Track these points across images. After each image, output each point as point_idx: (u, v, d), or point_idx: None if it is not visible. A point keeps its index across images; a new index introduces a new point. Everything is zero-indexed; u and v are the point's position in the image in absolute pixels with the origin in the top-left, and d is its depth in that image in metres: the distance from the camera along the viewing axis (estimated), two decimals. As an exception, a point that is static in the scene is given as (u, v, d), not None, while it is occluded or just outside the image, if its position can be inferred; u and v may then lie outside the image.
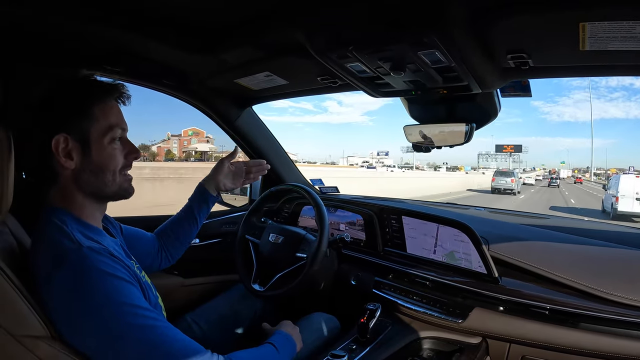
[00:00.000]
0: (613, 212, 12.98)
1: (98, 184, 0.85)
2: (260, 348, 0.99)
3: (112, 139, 0.85)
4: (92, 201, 0.86)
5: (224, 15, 1.08)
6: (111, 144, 0.85)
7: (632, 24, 0.77)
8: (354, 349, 1.19)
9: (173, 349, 0.74)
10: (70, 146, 0.80)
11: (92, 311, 0.71)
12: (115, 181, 0.87)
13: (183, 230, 1.26)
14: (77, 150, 0.81)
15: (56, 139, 0.79)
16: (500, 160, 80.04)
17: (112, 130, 0.84)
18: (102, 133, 0.83)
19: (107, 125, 0.84)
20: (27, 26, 1.03)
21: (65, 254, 0.73)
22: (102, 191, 0.86)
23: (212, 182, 1.28)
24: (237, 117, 1.80)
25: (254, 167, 1.36)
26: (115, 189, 0.87)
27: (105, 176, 0.85)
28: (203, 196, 1.27)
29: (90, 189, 0.84)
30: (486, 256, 1.23)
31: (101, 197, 0.88)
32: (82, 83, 0.85)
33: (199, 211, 1.27)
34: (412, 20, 0.87)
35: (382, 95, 1.28)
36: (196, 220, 1.27)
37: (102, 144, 0.84)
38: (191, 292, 1.71)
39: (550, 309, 1.10)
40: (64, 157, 0.80)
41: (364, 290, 1.49)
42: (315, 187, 2.05)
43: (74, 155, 0.81)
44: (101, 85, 0.86)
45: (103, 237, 0.86)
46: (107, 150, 0.84)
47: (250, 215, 1.63)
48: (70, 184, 0.83)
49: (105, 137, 0.84)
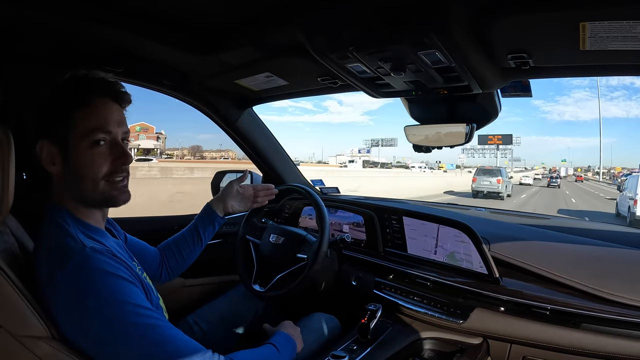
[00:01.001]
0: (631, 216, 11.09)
1: (79, 190, 0.82)
2: (261, 348, 0.99)
3: (92, 143, 0.80)
4: (84, 205, 0.84)
5: (225, 16, 1.08)
6: (92, 149, 0.80)
7: (632, 24, 0.77)
8: (354, 350, 1.19)
9: (174, 348, 0.74)
10: (53, 152, 0.80)
11: (95, 311, 0.71)
12: (97, 189, 0.82)
13: (187, 249, 1.26)
14: (58, 155, 0.80)
15: (40, 144, 0.79)
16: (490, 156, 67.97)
17: (91, 134, 0.79)
18: (81, 138, 0.79)
19: (86, 129, 0.79)
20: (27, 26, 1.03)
21: (68, 254, 0.73)
22: (86, 198, 0.83)
23: (220, 204, 1.29)
24: (237, 118, 1.80)
25: (261, 192, 1.38)
26: (97, 197, 0.83)
27: (85, 184, 0.81)
28: (210, 217, 1.28)
29: (74, 194, 0.83)
30: (487, 256, 1.22)
31: (87, 203, 0.84)
32: (64, 85, 0.81)
33: (205, 231, 1.27)
34: (413, 20, 0.87)
35: (382, 95, 1.28)
36: (201, 240, 1.27)
37: (82, 149, 0.79)
38: (192, 293, 1.71)
39: (551, 310, 1.09)
40: (47, 162, 0.80)
41: (365, 291, 1.49)
42: (316, 187, 2.05)
43: (56, 161, 0.80)
44: (84, 86, 0.81)
45: (105, 238, 0.86)
46: (86, 156, 0.80)
47: (250, 216, 1.63)
48: (61, 188, 0.83)
49: (83, 142, 0.79)
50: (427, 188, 22.44)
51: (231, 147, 39.87)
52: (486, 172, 21.26)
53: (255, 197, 1.36)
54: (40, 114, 0.81)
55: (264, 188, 1.39)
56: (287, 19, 1.02)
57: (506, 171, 22.97)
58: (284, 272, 1.42)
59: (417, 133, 1.35)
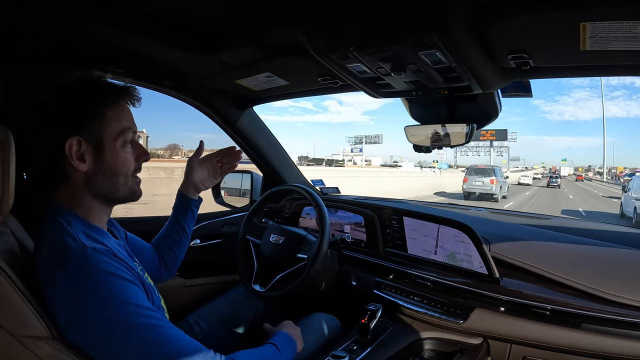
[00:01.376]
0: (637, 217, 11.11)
1: (110, 187, 0.85)
2: (262, 348, 0.99)
3: (124, 142, 0.85)
4: (101, 203, 0.86)
5: (225, 16, 1.08)
6: (124, 147, 0.85)
7: (632, 24, 0.77)
8: (354, 350, 1.19)
9: (176, 348, 0.74)
10: (83, 149, 0.80)
11: (96, 311, 0.71)
12: (127, 184, 0.87)
13: (174, 242, 1.24)
14: (90, 153, 0.81)
15: (70, 142, 0.79)
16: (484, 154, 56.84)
17: (124, 134, 0.84)
18: (115, 136, 0.83)
19: (120, 128, 0.83)
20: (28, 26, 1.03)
21: (69, 254, 0.73)
22: (113, 194, 0.86)
23: (190, 186, 1.24)
24: (237, 118, 1.80)
25: (225, 157, 1.30)
26: (126, 193, 0.87)
27: (118, 180, 0.85)
28: (185, 203, 1.24)
29: (101, 191, 0.84)
30: (487, 257, 1.22)
31: (111, 199, 0.87)
32: (95, 85, 0.84)
33: (185, 219, 1.24)
34: (413, 20, 0.87)
35: (383, 95, 1.28)
36: (184, 229, 1.24)
37: (115, 148, 0.83)
38: (192, 293, 1.71)
39: (551, 310, 1.10)
40: (77, 160, 0.80)
41: (365, 291, 1.49)
42: (316, 187, 2.05)
43: (86, 158, 0.81)
44: (114, 88, 0.85)
45: (107, 239, 0.86)
46: (120, 154, 0.84)
47: (251, 216, 1.63)
48: (80, 186, 0.83)
49: (118, 141, 0.83)
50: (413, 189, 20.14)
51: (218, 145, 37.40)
52: (479, 172, 19.07)
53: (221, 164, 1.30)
54: (69, 110, 0.80)
55: (226, 152, 1.31)
56: (287, 19, 1.02)
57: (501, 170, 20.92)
58: (284, 272, 1.42)
59: (417, 133, 1.35)
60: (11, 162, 0.78)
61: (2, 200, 0.77)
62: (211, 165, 1.28)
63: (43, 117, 0.80)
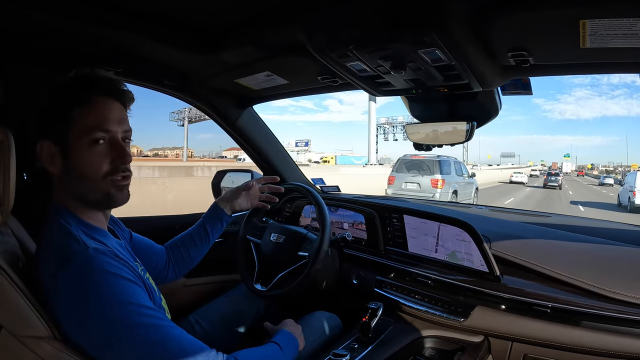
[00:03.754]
0: (631, 205, 13.72)
1: (80, 190, 0.82)
2: (264, 347, 0.99)
3: (91, 142, 0.79)
4: (86, 205, 0.84)
5: (225, 16, 1.08)
6: (91, 147, 0.79)
7: (632, 21, 0.77)
8: (355, 348, 1.19)
9: (178, 348, 0.74)
10: (53, 151, 0.79)
11: (98, 311, 0.71)
12: (99, 188, 0.82)
13: (195, 248, 1.27)
14: (58, 155, 0.80)
15: (40, 145, 0.79)
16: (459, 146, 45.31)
17: (90, 133, 0.79)
18: (80, 137, 0.79)
19: (85, 127, 0.79)
20: (27, 27, 1.03)
21: (71, 255, 0.74)
22: (86, 197, 0.83)
23: (227, 202, 1.33)
24: (237, 117, 1.80)
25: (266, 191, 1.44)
26: (98, 197, 0.82)
27: (86, 183, 0.81)
28: (218, 215, 1.31)
29: (75, 194, 0.82)
30: (488, 254, 1.22)
31: (88, 203, 0.83)
32: (64, 84, 0.81)
33: (212, 230, 1.29)
34: (413, 18, 0.87)
35: (382, 94, 1.28)
36: (208, 238, 1.29)
37: (81, 148, 0.79)
38: (193, 292, 1.71)
39: (552, 307, 1.10)
40: (47, 162, 0.80)
41: (366, 289, 1.49)
42: (317, 186, 2.05)
43: (56, 160, 0.80)
44: (84, 84, 0.81)
45: (107, 239, 0.86)
46: (87, 155, 0.79)
47: (251, 215, 1.63)
48: (61, 188, 0.83)
49: (82, 141, 0.79)
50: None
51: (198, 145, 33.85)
52: (413, 167, 11.46)
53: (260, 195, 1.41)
54: (40, 113, 0.80)
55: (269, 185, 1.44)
56: (287, 19, 1.02)
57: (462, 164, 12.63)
58: (285, 271, 1.42)
59: (417, 131, 1.35)
60: (11, 163, 0.78)
61: (2, 200, 0.77)
62: (252, 192, 1.39)
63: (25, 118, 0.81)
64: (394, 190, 11.23)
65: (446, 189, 10.74)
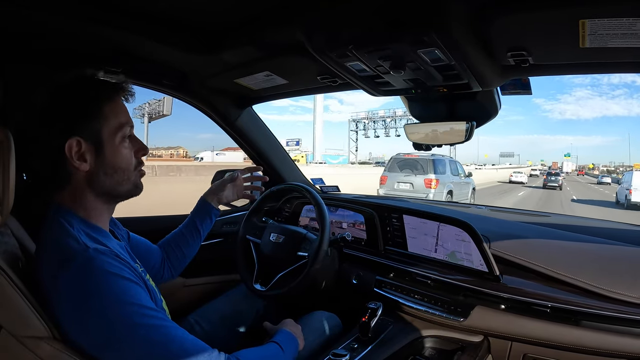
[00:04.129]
0: (627, 202, 14.98)
1: (112, 183, 0.85)
2: (265, 347, 0.99)
3: (122, 137, 0.85)
4: (103, 202, 0.86)
5: (224, 16, 1.08)
6: (122, 142, 0.85)
7: (632, 21, 0.77)
8: (355, 348, 1.19)
9: (179, 348, 0.74)
10: (84, 149, 0.80)
11: (99, 311, 0.71)
12: (130, 179, 0.87)
13: (186, 244, 1.28)
14: (91, 152, 0.81)
15: (69, 143, 0.78)
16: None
17: (122, 129, 0.85)
18: (114, 132, 0.83)
19: (118, 124, 0.84)
20: (27, 27, 1.03)
21: (71, 255, 0.73)
22: (116, 190, 0.86)
23: (214, 196, 1.33)
24: (237, 117, 1.80)
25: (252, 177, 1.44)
26: (129, 187, 0.88)
27: (120, 175, 0.85)
28: (206, 209, 1.31)
29: (104, 189, 0.84)
30: (487, 254, 1.22)
31: (114, 196, 0.88)
32: (89, 83, 0.84)
33: (202, 224, 1.30)
34: (412, 18, 0.87)
35: (382, 94, 1.28)
36: (199, 233, 1.29)
37: (114, 144, 0.84)
38: (193, 293, 1.71)
39: (552, 307, 1.10)
40: (78, 160, 0.80)
41: (365, 289, 1.49)
42: (316, 186, 2.05)
43: (87, 158, 0.81)
44: (108, 84, 0.86)
45: (109, 239, 0.86)
46: (120, 150, 0.85)
47: (251, 215, 1.63)
48: (83, 186, 0.82)
49: (116, 136, 0.84)
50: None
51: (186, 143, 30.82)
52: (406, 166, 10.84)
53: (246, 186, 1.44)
54: (67, 110, 0.80)
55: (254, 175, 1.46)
56: (287, 19, 1.02)
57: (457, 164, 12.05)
58: (285, 271, 1.42)
59: (417, 131, 1.36)
60: (11, 163, 0.78)
61: (2, 201, 0.77)
62: (238, 184, 1.40)
63: (41, 120, 0.79)
64: (386, 191, 10.67)
65: (440, 189, 10.26)
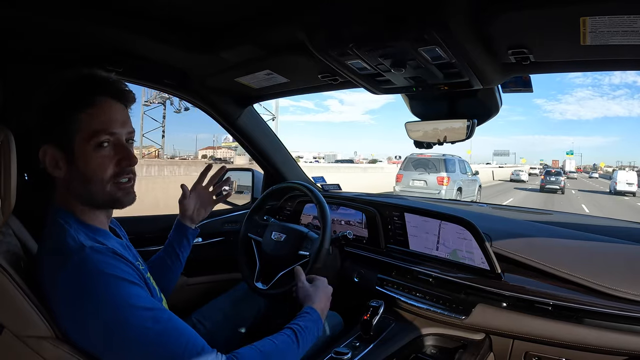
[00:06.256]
0: (614, 190, 23.84)
1: (86, 193, 0.81)
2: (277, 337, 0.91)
3: (97, 145, 0.79)
4: (90, 207, 0.83)
5: (224, 14, 1.08)
6: (97, 151, 0.79)
7: (632, 18, 0.77)
8: (357, 346, 1.20)
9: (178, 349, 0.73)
10: (57, 156, 0.78)
11: (94, 312, 0.70)
12: (105, 190, 0.81)
13: (167, 267, 1.21)
14: (63, 159, 0.79)
15: (42, 149, 0.78)
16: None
17: (96, 136, 0.78)
18: (86, 140, 0.78)
19: (91, 131, 0.78)
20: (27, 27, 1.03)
21: (68, 254, 0.73)
22: (92, 200, 0.82)
23: (187, 218, 1.25)
24: (238, 116, 1.80)
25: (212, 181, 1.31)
26: (105, 199, 0.82)
27: (93, 186, 0.80)
28: (181, 231, 1.24)
29: (81, 197, 0.82)
30: (489, 252, 1.22)
31: (94, 205, 0.83)
32: (67, 86, 0.79)
33: (180, 247, 1.23)
34: (413, 17, 0.87)
35: (383, 92, 1.28)
36: (178, 257, 1.22)
37: (87, 152, 0.78)
38: (195, 291, 1.72)
39: (554, 305, 1.10)
40: (51, 167, 0.79)
41: (367, 288, 1.49)
42: (318, 184, 2.05)
43: (61, 165, 0.79)
44: (88, 86, 0.80)
45: (108, 238, 0.85)
46: (93, 159, 0.79)
47: (252, 214, 1.63)
48: (65, 191, 0.82)
49: (88, 144, 0.78)
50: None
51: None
52: (420, 165, 11.85)
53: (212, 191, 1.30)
54: (42, 117, 0.79)
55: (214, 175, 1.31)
56: (287, 17, 1.02)
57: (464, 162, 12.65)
58: (287, 269, 1.42)
59: (418, 129, 1.35)
60: (12, 163, 0.78)
61: (3, 201, 0.77)
62: (204, 199, 1.28)
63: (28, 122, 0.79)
64: (402, 188, 11.66)
65: (451, 186, 11.11)
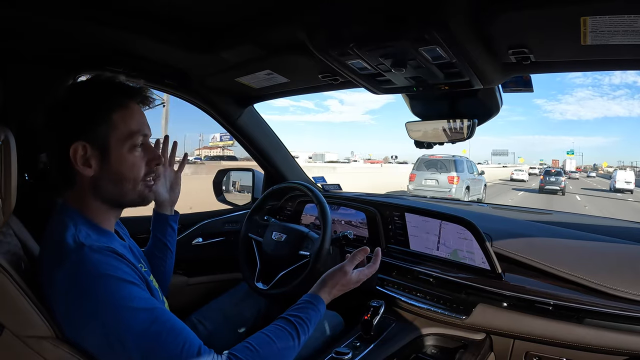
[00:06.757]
0: (613, 187, 25.34)
1: (117, 192, 0.83)
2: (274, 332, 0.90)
3: (132, 146, 0.82)
4: (109, 207, 0.84)
5: (224, 14, 1.08)
6: (132, 151, 0.82)
7: (633, 18, 0.76)
8: (357, 346, 1.20)
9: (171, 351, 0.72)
10: (89, 154, 0.79)
11: (92, 312, 0.70)
12: (136, 189, 0.84)
13: (159, 260, 1.17)
14: (96, 158, 0.79)
15: (74, 147, 0.77)
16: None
17: (132, 138, 0.82)
18: (122, 140, 0.81)
19: (127, 132, 0.81)
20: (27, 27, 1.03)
21: (66, 253, 0.73)
22: (121, 199, 0.84)
23: (163, 206, 1.19)
24: (238, 116, 1.80)
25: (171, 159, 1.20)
26: (134, 197, 0.85)
27: (125, 185, 0.83)
28: (163, 221, 1.19)
29: (108, 196, 0.83)
30: (489, 252, 1.22)
31: (119, 204, 0.86)
32: (101, 87, 0.82)
33: (165, 236, 1.19)
34: (413, 16, 0.87)
35: (383, 92, 1.27)
36: (167, 246, 1.19)
37: (122, 152, 0.81)
38: (195, 291, 1.72)
39: (554, 305, 1.10)
40: (82, 165, 0.79)
41: (368, 288, 1.49)
42: (318, 184, 2.05)
43: (92, 163, 0.79)
44: (121, 89, 0.83)
45: (111, 240, 0.85)
46: (128, 159, 0.82)
47: (253, 214, 1.63)
48: (87, 190, 0.81)
49: (125, 145, 0.81)
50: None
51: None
52: (431, 165, 12.60)
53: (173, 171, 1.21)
54: (74, 114, 0.79)
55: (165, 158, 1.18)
56: (287, 17, 1.02)
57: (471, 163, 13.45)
58: (287, 269, 1.42)
59: (418, 129, 1.35)
60: (13, 163, 0.78)
61: (4, 201, 0.77)
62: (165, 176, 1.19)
63: (49, 121, 0.79)
64: (415, 186, 12.64)
65: (461, 185, 12.10)
